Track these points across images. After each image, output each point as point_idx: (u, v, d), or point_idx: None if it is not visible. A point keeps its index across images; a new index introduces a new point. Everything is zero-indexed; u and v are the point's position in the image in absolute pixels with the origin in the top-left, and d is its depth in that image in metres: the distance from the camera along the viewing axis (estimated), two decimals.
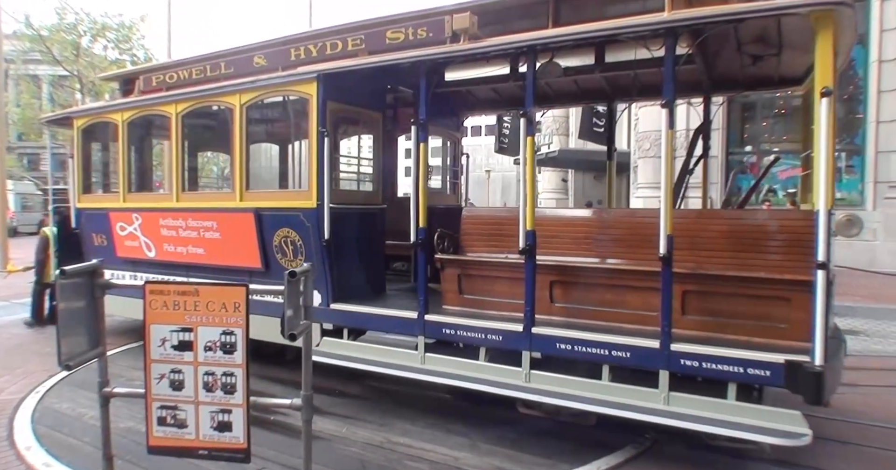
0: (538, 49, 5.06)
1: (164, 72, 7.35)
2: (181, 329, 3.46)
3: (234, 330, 3.44)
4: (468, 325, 5.39)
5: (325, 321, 6.22)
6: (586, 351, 4.89)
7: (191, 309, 3.44)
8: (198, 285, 3.53)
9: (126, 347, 8.13)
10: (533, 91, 5.07)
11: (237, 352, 3.44)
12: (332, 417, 5.71)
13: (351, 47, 5.90)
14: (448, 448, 5.06)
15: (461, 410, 5.91)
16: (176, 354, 3.47)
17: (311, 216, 6.06)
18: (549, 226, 5.58)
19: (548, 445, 5.14)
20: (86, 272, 3.71)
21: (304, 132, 6.22)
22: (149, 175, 9.15)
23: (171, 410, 3.51)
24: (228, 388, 3.44)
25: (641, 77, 6.61)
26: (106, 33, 28.61)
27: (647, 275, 4.97)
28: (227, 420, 3.47)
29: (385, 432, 5.38)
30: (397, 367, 5.68)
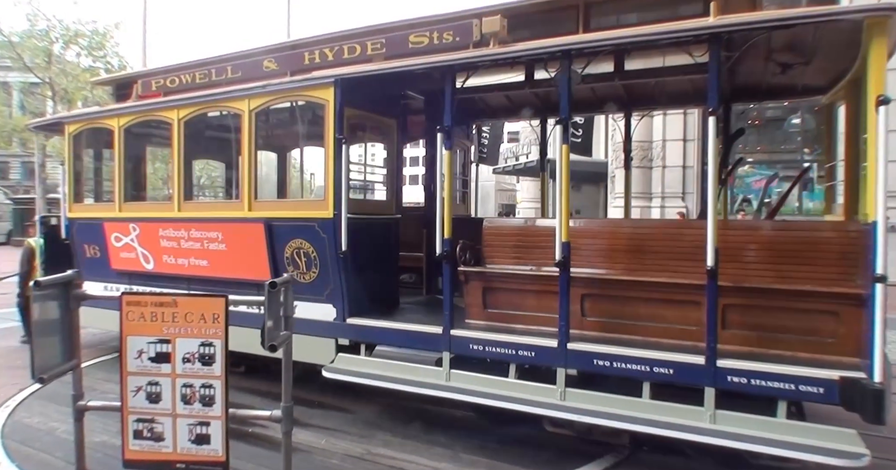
0: (574, 54, 4.85)
1: (165, 75, 6.97)
2: (159, 341, 3.38)
3: (213, 341, 3.38)
4: (498, 340, 5.12)
5: (340, 336, 5.90)
6: (626, 367, 4.66)
7: (169, 320, 3.37)
8: (176, 296, 3.47)
9: (98, 360, 7.91)
10: (569, 98, 4.86)
11: (216, 363, 3.37)
12: (311, 428, 5.59)
13: (370, 51, 5.61)
14: (429, 459, 4.98)
15: (442, 420, 5.84)
16: (153, 366, 3.39)
17: (327, 226, 5.74)
18: (579, 237, 5.37)
19: (529, 455, 5.10)
20: (61, 283, 3.60)
21: (319, 139, 5.93)
22: (146, 184, 8.72)
23: (147, 422, 3.43)
24: (207, 400, 3.37)
25: (663, 85, 6.47)
26: (79, 40, 27.79)
27: (687, 288, 4.78)
28: (205, 433, 3.40)
29: (365, 444, 5.28)
30: (420, 384, 5.38)
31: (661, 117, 19.32)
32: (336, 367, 5.77)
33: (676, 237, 5.12)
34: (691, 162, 19.57)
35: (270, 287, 3.34)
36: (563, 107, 4.84)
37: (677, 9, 5.25)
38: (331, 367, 5.76)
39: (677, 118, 19.52)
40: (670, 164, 20.04)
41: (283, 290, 3.52)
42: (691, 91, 6.50)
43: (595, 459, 4.99)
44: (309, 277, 5.94)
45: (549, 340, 4.93)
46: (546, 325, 5.29)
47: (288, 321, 3.58)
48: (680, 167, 19.96)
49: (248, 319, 5.38)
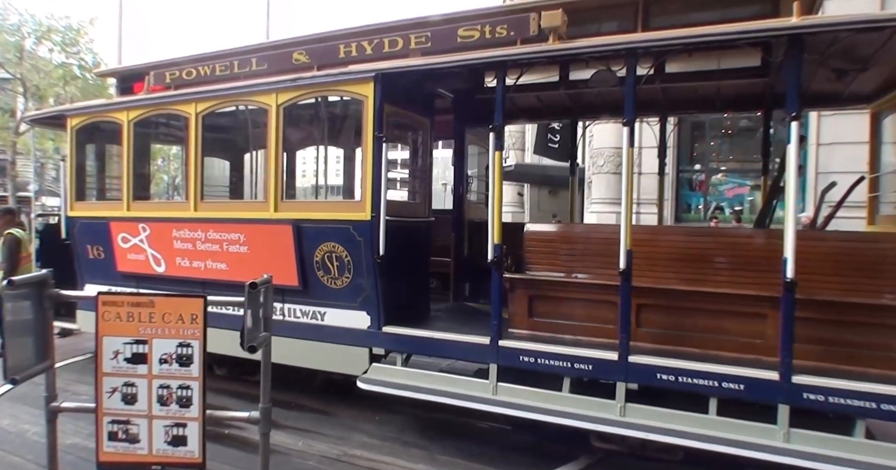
0: (640, 52, 4.57)
1: (181, 67, 6.47)
2: (135, 341, 3.32)
3: (190, 342, 3.31)
4: (552, 352, 4.79)
5: (375, 346, 5.50)
6: (692, 382, 4.39)
7: (146, 320, 3.30)
8: (153, 296, 3.38)
9: (71, 361, 7.69)
10: (633, 99, 4.57)
11: (194, 364, 3.31)
12: (289, 430, 5.52)
13: (414, 45, 5.24)
14: (406, 461, 4.94)
15: (420, 423, 5.79)
16: (129, 367, 3.33)
17: (363, 229, 5.34)
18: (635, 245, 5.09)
19: (505, 457, 5.08)
20: (34, 283, 3.50)
21: (354, 137, 5.56)
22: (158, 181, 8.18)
23: (122, 424, 3.36)
24: (184, 401, 3.32)
25: (701, 90, 6.25)
26: (51, 36, 26.77)
27: (753, 300, 4.54)
28: (181, 434, 3.35)
29: (342, 445, 5.22)
30: (463, 397, 5.01)
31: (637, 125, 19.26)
32: (371, 378, 5.38)
33: (738, 246, 4.88)
34: (666, 169, 19.55)
35: (250, 288, 3.23)
36: (627, 108, 4.54)
37: (737, 10, 5.02)
38: (366, 378, 5.37)
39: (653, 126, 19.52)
40: (646, 171, 20.06)
41: (263, 290, 3.42)
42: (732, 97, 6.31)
43: (570, 461, 4.98)
44: (341, 282, 5.54)
45: (608, 352, 4.64)
46: (596, 335, 5.00)
47: (267, 322, 3.49)
48: (655, 174, 19.96)
49: None
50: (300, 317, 5.83)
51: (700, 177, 20.19)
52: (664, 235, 5.31)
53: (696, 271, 4.89)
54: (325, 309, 5.70)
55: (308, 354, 5.80)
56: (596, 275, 5.19)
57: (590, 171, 21.53)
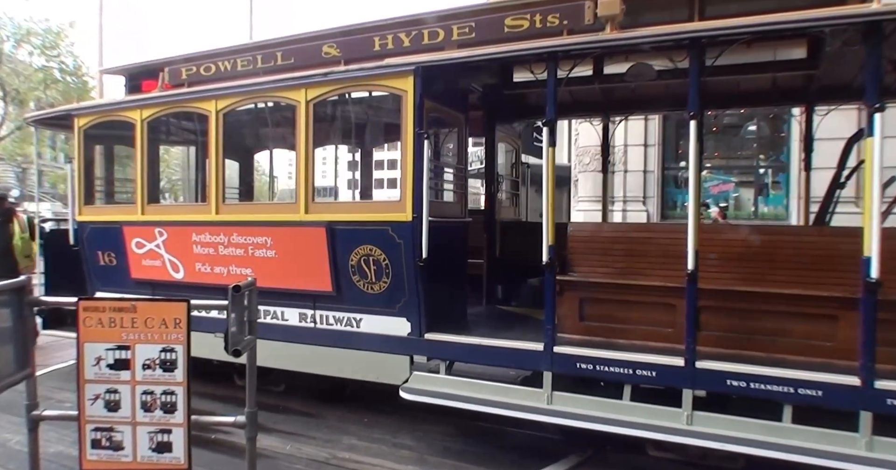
0: (704, 42, 4.33)
1: (199, 63, 6.08)
2: (117, 347, 3.25)
3: (174, 347, 3.24)
4: (612, 358, 4.52)
5: (417, 353, 5.17)
6: (766, 388, 4.15)
7: (128, 326, 3.23)
8: (135, 301, 3.31)
9: (53, 368, 7.55)
10: (697, 91, 4.33)
11: (178, 369, 3.25)
12: (276, 434, 5.42)
13: (456, 36, 4.93)
14: (395, 462, 4.88)
15: (409, 423, 5.68)
16: (112, 374, 3.26)
17: (404, 231, 5.01)
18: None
19: (493, 456, 5.03)
20: (12, 289, 3.38)
21: (391, 134, 5.26)
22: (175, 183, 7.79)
23: (106, 431, 3.29)
24: (168, 407, 3.26)
25: (743, 84, 6.03)
26: (31, 39, 26.13)
27: (824, 301, 4.33)
28: (166, 440, 3.29)
29: (330, 448, 5.13)
30: (516, 407, 4.71)
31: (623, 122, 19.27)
32: (413, 387, 5.07)
33: (805, 245, 4.66)
34: (652, 166, 19.49)
35: (234, 290, 3.17)
36: (692, 101, 4.29)
37: None
38: (409, 387, 5.06)
39: (638, 123, 19.41)
40: (632, 168, 19.92)
41: (248, 293, 3.34)
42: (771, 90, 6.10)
43: (560, 459, 4.91)
44: (378, 287, 5.23)
45: (672, 357, 4.40)
46: (652, 339, 4.77)
47: (252, 325, 3.40)
48: (641, 172, 19.86)
49: None
50: (333, 324, 5.50)
51: (685, 174, 20.21)
52: (724, 234, 5.06)
53: (759, 271, 4.67)
54: (360, 315, 5.38)
55: (342, 362, 5.47)
56: (646, 276, 4.95)
57: (576, 170, 21.37)
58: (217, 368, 6.29)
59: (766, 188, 20.27)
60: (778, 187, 18.49)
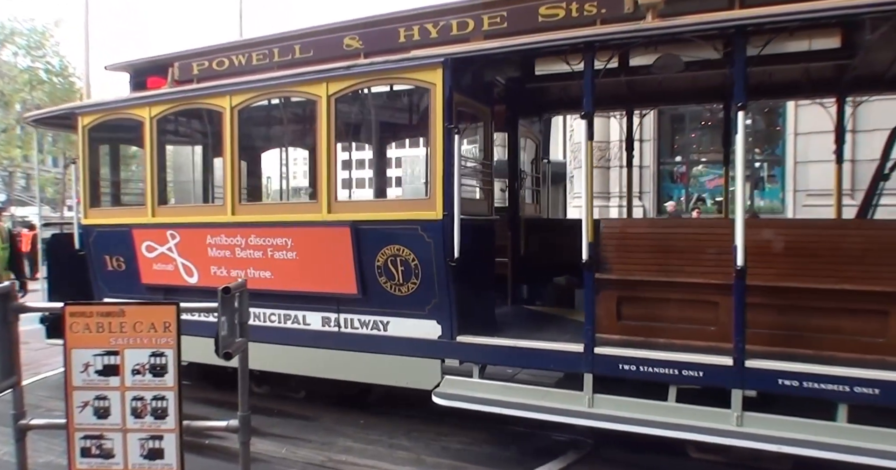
0: (750, 30, 4.20)
1: (211, 57, 5.86)
2: (106, 352, 3.21)
3: (164, 351, 3.20)
4: (656, 358, 4.39)
5: (448, 357, 5.00)
6: (819, 387, 4.03)
7: (116, 330, 3.19)
8: (123, 305, 3.30)
9: (42, 376, 7.39)
10: (744, 82, 4.19)
11: (168, 374, 3.21)
12: (271, 437, 5.34)
13: (487, 26, 4.78)
14: (392, 463, 4.82)
15: (405, 424, 5.62)
16: (100, 380, 3.22)
17: (434, 230, 4.82)
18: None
19: (491, 455, 4.98)
20: None
21: (417, 129, 5.09)
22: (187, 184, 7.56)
23: (95, 439, 3.25)
24: (159, 412, 3.22)
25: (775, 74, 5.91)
26: (15, 39, 25.76)
27: (877, 296, 4.21)
28: (158, 447, 3.25)
29: (326, 451, 5.07)
30: (556, 411, 4.56)
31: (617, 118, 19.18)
32: (446, 392, 4.89)
33: (850, 239, 4.53)
34: (648, 162, 19.47)
35: (223, 292, 3.12)
36: (738, 91, 4.15)
37: None
38: (442, 392, 4.89)
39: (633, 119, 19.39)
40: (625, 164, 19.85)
41: (238, 295, 3.29)
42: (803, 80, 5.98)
43: (558, 456, 4.88)
44: (407, 288, 5.05)
45: (721, 357, 4.27)
46: (694, 338, 4.63)
47: (243, 328, 3.36)
48: (637, 167, 19.82)
49: None
50: (359, 328, 5.32)
51: (681, 169, 20.21)
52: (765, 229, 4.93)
53: (804, 267, 4.54)
54: (387, 318, 5.20)
55: (368, 368, 5.29)
56: (682, 273, 4.82)
57: (571, 166, 21.30)
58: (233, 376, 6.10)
59: (762, 182, 20.34)
60: (773, 181, 18.57)
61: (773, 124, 18.47)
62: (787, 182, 17.29)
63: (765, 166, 19.85)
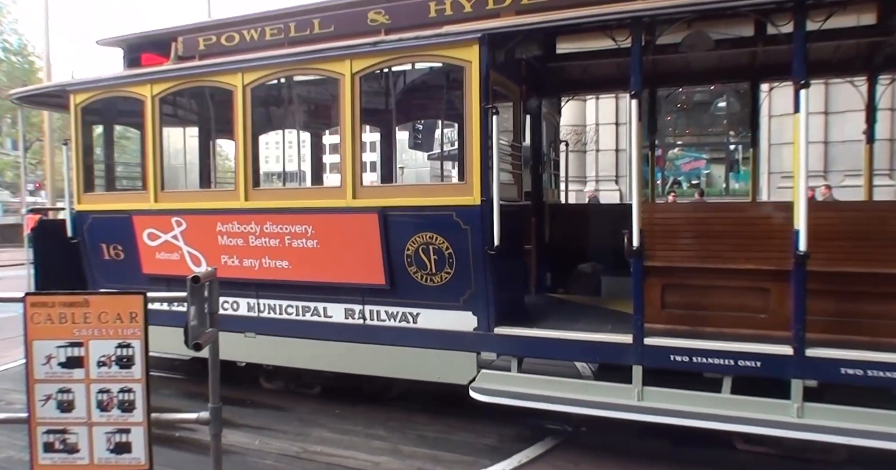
0: (809, 5, 4.01)
1: (220, 32, 5.45)
2: (69, 344, 3.11)
3: (131, 342, 3.11)
4: (711, 348, 4.22)
5: (485, 350, 4.75)
6: (885, 376, 3.92)
7: (80, 321, 3.09)
8: (87, 295, 3.19)
9: (2, 368, 7.21)
10: (803, 58, 4.01)
11: (136, 365, 3.13)
12: (244, 428, 5.18)
13: (526, 1, 4.55)
14: (368, 453, 4.72)
15: (383, 413, 5.50)
16: (64, 372, 3.13)
17: (471, 216, 4.56)
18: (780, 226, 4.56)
19: (469, 442, 4.91)
20: None
21: (450, 109, 4.81)
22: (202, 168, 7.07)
23: (59, 433, 3.16)
24: (126, 405, 3.14)
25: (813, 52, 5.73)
26: None
27: None
28: (125, 440, 3.16)
29: (301, 442, 4.95)
30: (603, 406, 4.39)
31: (594, 101, 19.15)
32: (485, 387, 4.66)
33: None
34: (624, 145, 19.46)
35: (193, 281, 3.03)
36: (798, 68, 3.97)
37: None
38: (479, 387, 4.65)
39: (609, 102, 19.33)
40: (603, 147, 19.82)
41: (208, 284, 3.20)
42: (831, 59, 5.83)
43: (536, 442, 4.81)
44: (440, 278, 4.78)
45: (780, 346, 4.11)
46: (743, 326, 4.48)
47: (213, 318, 3.27)
48: (613, 151, 19.80)
49: None
50: (385, 320, 5.04)
51: (657, 152, 20.32)
52: (821, 212, 4.77)
53: (857, 250, 4.41)
54: (417, 310, 4.93)
55: (396, 362, 5.02)
56: (727, 259, 4.66)
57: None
58: (243, 372, 5.82)
59: (737, 164, 20.54)
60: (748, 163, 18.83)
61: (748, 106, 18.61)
62: (762, 164, 17.46)
63: (739, 149, 20.06)
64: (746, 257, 4.49)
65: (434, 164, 25.55)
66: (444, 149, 8.02)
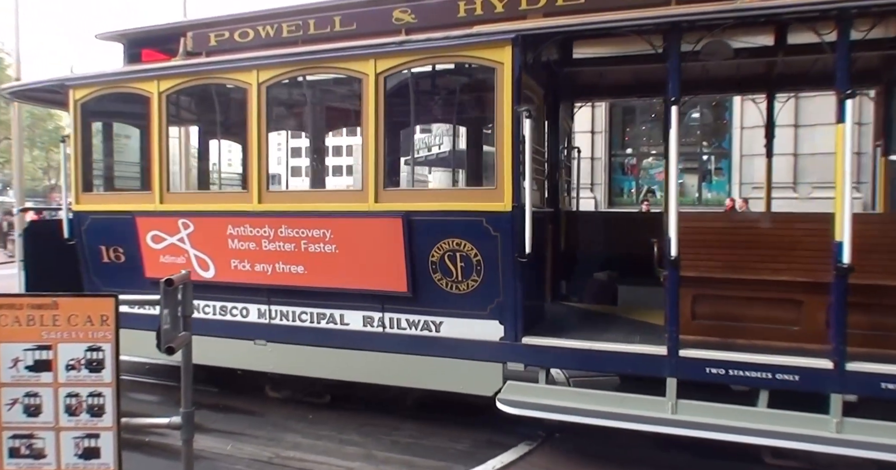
0: (854, 13, 3.94)
1: (233, 27, 5.21)
2: (37, 347, 3.05)
3: (101, 345, 3.04)
4: (749, 361, 4.12)
5: (513, 360, 4.59)
6: None
7: (49, 324, 3.02)
8: (56, 296, 3.07)
9: None
10: (848, 68, 3.93)
11: (106, 369, 3.06)
12: (215, 433, 5.11)
13: (561, 2, 4.41)
14: (342, 459, 4.66)
15: (357, 418, 5.42)
16: (31, 376, 3.06)
17: (502, 222, 4.38)
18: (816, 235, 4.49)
19: (443, 448, 4.86)
20: None
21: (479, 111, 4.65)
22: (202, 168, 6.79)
23: (26, 439, 3.08)
24: (95, 410, 3.07)
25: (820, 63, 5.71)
26: None
27: None
28: (94, 446, 3.08)
29: (274, 447, 4.88)
30: (636, 419, 4.25)
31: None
32: (512, 398, 4.49)
33: None
34: (599, 153, 19.55)
35: (166, 284, 3.01)
36: (842, 78, 3.90)
37: None
38: (507, 399, 4.48)
39: (585, 111, 19.41)
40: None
41: (182, 288, 3.17)
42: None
43: (510, 449, 4.77)
44: (466, 286, 4.61)
45: (819, 360, 4.03)
46: (775, 339, 4.40)
47: (186, 321, 3.24)
48: (588, 159, 19.91)
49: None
50: (406, 328, 4.84)
51: (632, 161, 20.46)
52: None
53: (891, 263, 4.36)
54: (440, 318, 4.74)
55: (417, 372, 4.83)
56: (758, 270, 4.58)
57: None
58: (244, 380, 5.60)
59: (710, 174, 20.75)
60: (720, 173, 19.00)
61: (721, 118, 18.85)
62: (734, 174, 17.68)
63: (712, 159, 20.26)
64: (779, 268, 4.41)
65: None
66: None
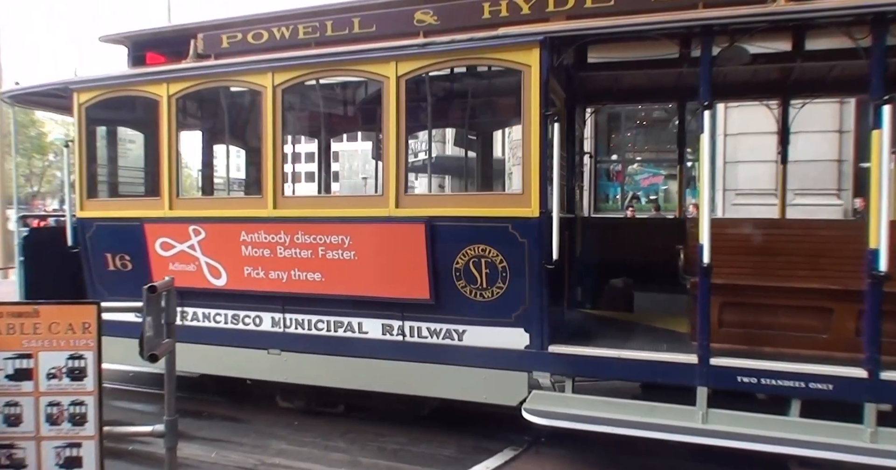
0: (891, 18, 3.90)
1: (246, 29, 5.05)
2: (17, 356, 3.03)
3: (83, 353, 3.03)
4: (781, 370, 4.05)
5: (539, 369, 4.48)
6: None
7: (29, 332, 3.02)
8: (37, 305, 3.09)
9: None
10: (882, 73, 3.86)
11: (88, 378, 3.04)
12: (200, 441, 5.03)
13: (591, 3, 4.32)
14: (327, 466, 4.61)
15: (342, 425, 5.37)
16: (11, 385, 3.04)
17: (529, 229, 4.26)
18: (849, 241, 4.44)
19: (429, 454, 4.83)
20: None
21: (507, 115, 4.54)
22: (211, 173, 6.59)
23: (6, 448, 3.07)
24: (77, 419, 3.05)
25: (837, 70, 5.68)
26: None
27: None
28: (76, 455, 3.06)
29: (259, 454, 4.81)
30: (666, 429, 4.15)
31: None
32: (539, 408, 4.37)
33: None
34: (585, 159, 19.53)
35: (149, 291, 3.00)
36: (875, 85, 3.84)
37: None
38: (533, 409, 4.36)
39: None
40: None
41: (165, 295, 3.16)
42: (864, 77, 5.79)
43: (496, 454, 4.76)
44: (490, 293, 4.49)
45: (854, 369, 3.97)
46: (802, 347, 4.33)
47: (170, 328, 3.21)
48: None
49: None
50: (427, 337, 4.71)
51: (617, 167, 20.55)
52: None
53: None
54: (463, 326, 4.62)
55: (437, 381, 4.69)
56: (783, 277, 4.53)
57: (510, 163, 21.15)
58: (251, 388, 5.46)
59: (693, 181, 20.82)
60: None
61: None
62: (718, 181, 17.79)
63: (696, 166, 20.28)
64: (809, 276, 4.35)
65: None
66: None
